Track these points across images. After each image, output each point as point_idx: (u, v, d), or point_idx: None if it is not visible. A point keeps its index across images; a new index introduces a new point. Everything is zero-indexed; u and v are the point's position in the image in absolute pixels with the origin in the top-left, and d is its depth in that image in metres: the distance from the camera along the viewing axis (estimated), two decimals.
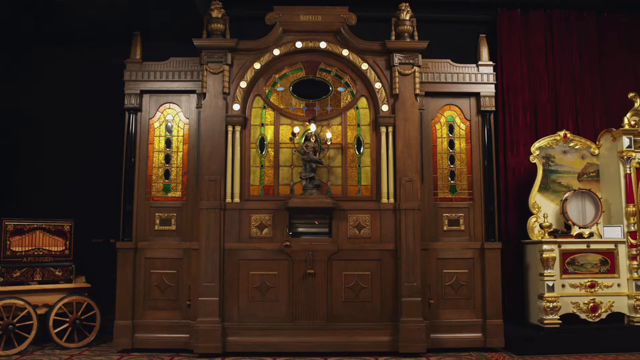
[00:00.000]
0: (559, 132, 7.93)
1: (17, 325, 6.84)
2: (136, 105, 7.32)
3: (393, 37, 7.38)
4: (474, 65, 7.50)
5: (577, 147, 7.89)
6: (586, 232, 7.53)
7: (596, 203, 7.65)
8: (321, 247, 7.05)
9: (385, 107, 7.28)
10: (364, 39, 7.37)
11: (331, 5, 7.35)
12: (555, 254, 7.24)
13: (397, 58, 7.27)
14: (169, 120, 7.45)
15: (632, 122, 7.55)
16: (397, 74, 7.25)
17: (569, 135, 7.89)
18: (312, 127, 7.19)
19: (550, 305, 7.09)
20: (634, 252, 7.30)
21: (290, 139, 7.27)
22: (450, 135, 7.54)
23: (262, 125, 7.39)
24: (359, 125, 7.41)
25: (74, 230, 7.36)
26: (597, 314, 7.20)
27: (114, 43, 7.84)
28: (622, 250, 7.34)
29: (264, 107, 7.41)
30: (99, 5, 7.22)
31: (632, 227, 7.35)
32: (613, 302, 7.21)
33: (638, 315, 7.20)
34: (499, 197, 7.86)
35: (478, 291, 7.16)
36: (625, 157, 7.44)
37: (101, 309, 7.34)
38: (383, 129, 7.30)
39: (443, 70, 7.45)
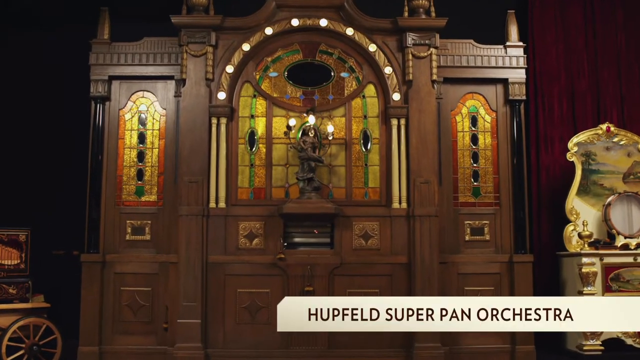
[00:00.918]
0: (600, 126, 7.87)
1: None
2: (104, 94, 7.26)
3: (406, 14, 7.31)
4: (501, 46, 7.47)
5: (622, 142, 7.81)
6: (633, 242, 7.45)
7: None
8: (321, 260, 7.00)
9: (396, 96, 7.23)
10: (372, 16, 7.32)
11: None
12: (597, 268, 7.19)
13: (410, 38, 7.22)
14: (143, 111, 7.40)
15: None
16: (410, 56, 7.21)
17: (612, 128, 7.81)
18: (311, 119, 7.12)
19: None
20: None
21: (285, 133, 7.19)
22: (473, 128, 7.51)
23: (252, 117, 7.33)
24: (365, 117, 7.35)
25: (30, 240, 7.24)
26: None
27: (78, 21, 7.78)
28: None
29: (254, 96, 7.35)
30: None
31: None
32: None
33: None
34: (530, 201, 7.77)
35: None
36: None
37: (63, 333, 7.21)
38: (394, 122, 7.24)
39: (465, 53, 7.42)
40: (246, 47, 7.24)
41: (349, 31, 7.27)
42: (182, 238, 6.92)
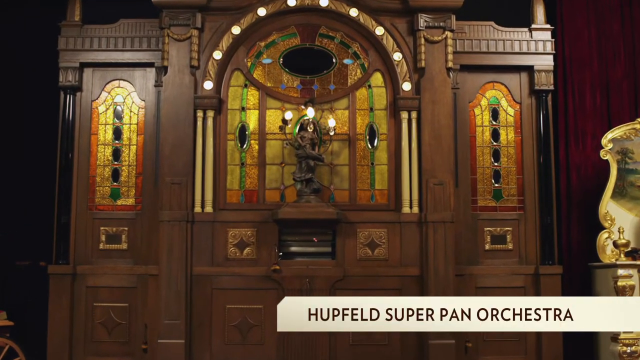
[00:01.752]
0: (638, 119, 7.78)
1: None
2: (74, 83, 7.28)
3: None
4: (526, 29, 7.50)
5: None
6: None
7: None
8: (321, 272, 6.98)
9: (407, 86, 7.22)
10: None
11: None
12: (635, 281, 7.09)
13: (422, 20, 7.20)
14: (119, 103, 7.42)
15: None
16: (422, 41, 7.20)
17: None
18: (310, 112, 7.09)
19: (628, 350, 6.98)
20: None
21: (281, 127, 7.17)
22: (494, 122, 7.51)
23: (243, 109, 7.32)
24: (372, 109, 7.35)
25: None
26: None
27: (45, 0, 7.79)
28: None
29: (246, 86, 7.35)
30: None
31: None
32: None
33: None
34: (558, 205, 7.73)
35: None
36: None
37: (28, 355, 7.18)
38: (404, 115, 7.22)
39: (484, 37, 7.46)
40: (236, 30, 7.21)
41: (353, 12, 7.26)
42: (164, 247, 6.90)
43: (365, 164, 7.28)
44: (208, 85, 7.16)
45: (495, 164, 7.46)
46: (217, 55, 7.19)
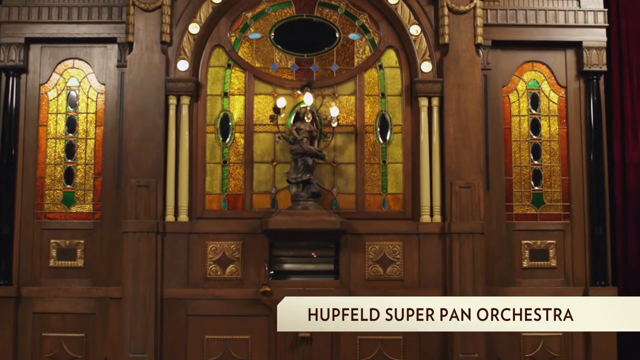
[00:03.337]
0: None
1: None
2: (19, 63, 7.30)
3: None
4: None
5: None
6: None
7: None
8: (322, 294, 6.78)
9: (426, 66, 7.18)
10: None
11: None
12: None
13: None
14: (73, 87, 7.42)
15: None
16: (446, 11, 7.20)
17: None
18: (308, 99, 6.99)
19: None
20: None
21: (272, 117, 7.12)
22: (534, 111, 7.47)
23: (226, 95, 7.29)
24: (383, 95, 7.30)
25: None
26: None
27: None
28: None
29: (229, 66, 7.33)
30: None
31: None
32: None
33: None
34: (612, 213, 7.71)
35: None
36: None
37: None
38: (423, 102, 7.16)
39: (522, 6, 7.47)
40: None
41: None
42: (128, 264, 6.91)
43: (375, 162, 7.27)
44: (183, 65, 7.18)
45: (535, 162, 7.45)
46: (194, 28, 7.21)
